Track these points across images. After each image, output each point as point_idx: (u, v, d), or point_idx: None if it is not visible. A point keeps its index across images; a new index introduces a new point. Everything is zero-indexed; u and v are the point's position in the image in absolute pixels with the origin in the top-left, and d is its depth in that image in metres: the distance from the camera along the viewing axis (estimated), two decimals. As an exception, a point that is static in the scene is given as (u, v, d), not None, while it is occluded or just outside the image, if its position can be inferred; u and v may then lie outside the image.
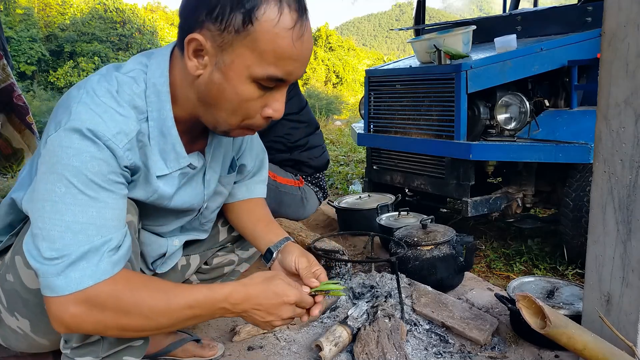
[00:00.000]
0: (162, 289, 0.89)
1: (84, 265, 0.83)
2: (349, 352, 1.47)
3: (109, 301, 0.84)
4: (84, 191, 0.85)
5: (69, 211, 0.83)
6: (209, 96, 0.92)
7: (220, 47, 0.86)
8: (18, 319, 1.04)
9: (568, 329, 1.07)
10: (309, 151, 2.30)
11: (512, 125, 2.40)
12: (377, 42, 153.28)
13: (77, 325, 0.85)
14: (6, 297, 1.04)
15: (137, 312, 0.86)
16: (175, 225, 1.18)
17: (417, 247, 1.92)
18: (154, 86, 0.95)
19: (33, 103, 10.91)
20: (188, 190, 1.09)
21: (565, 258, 2.37)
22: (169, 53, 0.98)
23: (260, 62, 0.86)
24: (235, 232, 1.40)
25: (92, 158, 0.85)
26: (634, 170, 1.11)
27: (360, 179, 4.73)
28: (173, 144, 0.99)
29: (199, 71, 0.90)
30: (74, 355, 0.98)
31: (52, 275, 0.82)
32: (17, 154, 4.15)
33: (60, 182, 0.84)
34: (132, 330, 0.90)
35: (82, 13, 24.98)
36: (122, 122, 0.90)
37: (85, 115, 0.86)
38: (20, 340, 1.07)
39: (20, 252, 0.99)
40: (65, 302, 0.83)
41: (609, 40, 1.14)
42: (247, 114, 0.93)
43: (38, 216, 0.85)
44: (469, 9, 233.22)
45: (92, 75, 0.95)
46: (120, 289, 0.86)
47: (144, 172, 0.98)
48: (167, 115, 0.96)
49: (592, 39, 2.48)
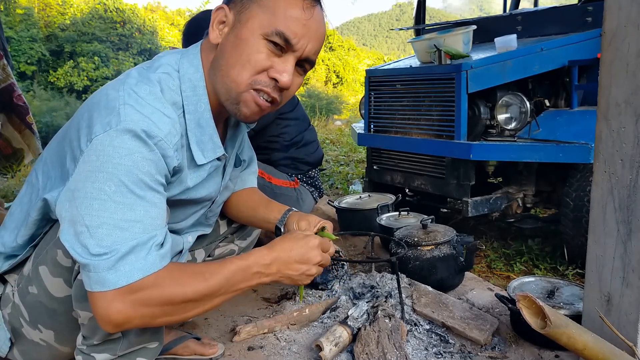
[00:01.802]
0: (198, 271, 0.92)
1: (132, 259, 0.85)
2: (349, 352, 1.47)
3: (155, 292, 0.86)
4: (133, 190, 0.86)
5: (118, 209, 0.85)
6: (222, 59, 0.99)
7: (239, 11, 0.97)
8: (42, 330, 1.04)
9: (568, 329, 1.07)
10: (305, 147, 2.32)
11: (513, 125, 2.40)
12: (378, 42, 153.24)
13: (126, 320, 0.86)
14: (29, 311, 1.04)
15: (181, 298, 0.89)
16: (191, 221, 1.20)
17: (417, 247, 1.92)
18: (190, 81, 1.00)
19: (33, 103, 10.90)
20: (211, 181, 1.13)
21: (565, 258, 2.37)
22: (199, 51, 1.04)
23: (271, 19, 0.95)
24: (235, 224, 1.44)
25: (144, 159, 0.88)
26: (635, 170, 1.11)
27: (361, 179, 4.73)
28: (211, 134, 1.03)
29: (218, 39, 0.99)
30: (91, 352, 1.00)
31: (103, 269, 0.83)
32: (17, 154, 4.14)
33: (110, 180, 0.85)
34: (179, 315, 0.92)
35: (82, 13, 24.95)
36: (169, 123, 0.93)
37: (137, 117, 0.88)
38: (42, 352, 1.08)
39: (45, 262, 1.00)
40: (112, 297, 0.84)
41: (609, 40, 1.14)
42: (254, 67, 0.97)
43: (85, 214, 0.85)
44: (469, 9, 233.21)
45: (127, 77, 0.96)
46: (162, 278, 0.88)
47: (185, 169, 1.01)
48: (205, 108, 1.01)
49: (592, 39, 2.48)
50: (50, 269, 0.99)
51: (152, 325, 0.93)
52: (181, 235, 1.21)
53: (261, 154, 2.18)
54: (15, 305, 1.05)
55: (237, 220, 1.41)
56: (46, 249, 1.01)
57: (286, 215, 1.28)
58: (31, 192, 1.05)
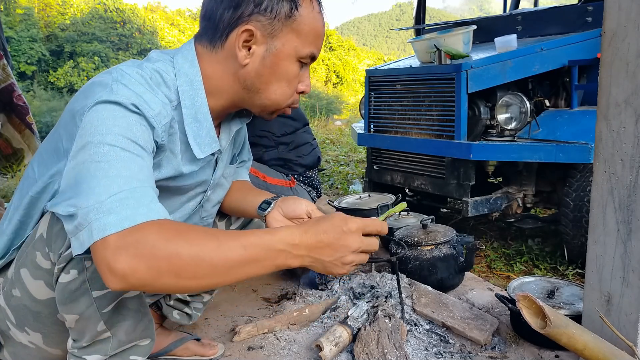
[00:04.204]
0: (210, 232, 0.83)
1: (133, 203, 0.79)
2: (349, 352, 1.47)
3: (160, 243, 0.77)
4: (126, 148, 0.84)
5: (112, 167, 0.81)
6: (259, 81, 1.02)
7: (271, 34, 0.98)
8: (29, 333, 1.03)
9: (568, 329, 1.07)
10: (297, 149, 2.30)
11: (513, 125, 2.40)
12: (378, 42, 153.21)
13: (131, 270, 0.75)
14: (14, 314, 1.02)
15: (188, 252, 0.78)
16: (180, 214, 1.17)
17: (417, 247, 1.92)
18: (186, 75, 1.01)
19: (33, 103, 10.90)
20: (201, 172, 1.13)
21: (565, 258, 2.37)
22: (193, 47, 1.04)
23: (304, 42, 1.01)
24: (234, 225, 1.43)
25: (137, 123, 0.88)
26: (635, 170, 1.11)
27: (361, 179, 4.73)
28: (208, 129, 1.04)
29: (247, 60, 1.00)
30: (82, 354, 0.99)
31: (103, 213, 0.77)
32: (17, 154, 4.15)
33: (104, 142, 0.83)
34: (188, 276, 0.79)
35: (82, 13, 24.97)
36: (160, 104, 0.93)
37: (128, 93, 0.89)
38: (32, 354, 1.07)
39: (25, 264, 0.98)
40: (115, 244, 0.75)
41: (609, 40, 1.14)
42: (293, 88, 1.06)
43: (81, 178, 0.81)
44: (469, 8, 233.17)
45: (120, 64, 0.97)
46: (168, 229, 0.79)
47: (167, 155, 1.00)
48: (202, 103, 1.02)
49: (592, 39, 2.48)
50: (31, 271, 0.97)
51: (159, 284, 0.79)
52: None
53: (252, 151, 2.17)
54: (2, 308, 1.04)
55: (225, 209, 1.38)
56: (26, 251, 0.99)
57: (279, 197, 1.25)
58: (29, 185, 1.04)
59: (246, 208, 1.30)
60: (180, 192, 1.12)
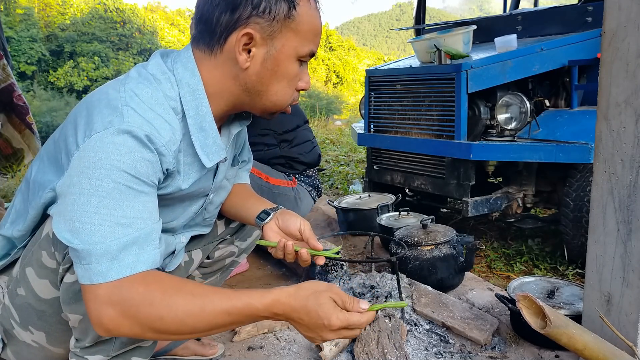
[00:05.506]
0: (197, 293, 0.87)
1: (136, 250, 0.85)
2: (349, 352, 1.47)
3: (144, 308, 0.83)
4: (132, 187, 0.86)
5: (117, 206, 0.84)
6: (260, 83, 1.01)
7: (270, 36, 0.97)
8: (33, 332, 1.03)
9: (568, 329, 1.07)
10: (298, 147, 2.30)
11: (513, 125, 2.40)
12: (378, 42, 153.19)
13: (116, 328, 0.83)
14: (18, 313, 1.03)
15: (171, 318, 0.84)
16: (183, 219, 1.18)
17: (417, 247, 1.92)
18: (188, 86, 1.00)
19: (33, 103, 10.91)
20: (202, 179, 1.12)
21: (565, 258, 2.37)
22: (192, 54, 1.02)
23: (303, 41, 1.00)
24: (233, 224, 1.42)
25: (143, 159, 0.88)
26: (634, 170, 1.11)
27: (361, 179, 4.73)
28: (214, 137, 1.04)
29: (247, 63, 0.99)
30: (84, 354, 0.99)
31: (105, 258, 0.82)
32: (17, 154, 4.14)
33: (109, 177, 0.84)
34: (169, 333, 0.87)
35: (82, 13, 24.98)
36: (170, 131, 0.94)
37: (139, 120, 0.89)
38: (35, 353, 1.07)
39: (30, 263, 0.99)
40: (102, 302, 0.82)
41: (609, 40, 1.14)
42: (294, 87, 1.06)
43: (83, 211, 0.84)
44: (469, 8, 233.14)
45: (127, 78, 0.97)
46: (153, 290, 0.84)
47: (174, 177, 1.01)
48: (207, 112, 1.01)
49: (592, 39, 2.48)
50: (36, 270, 0.99)
51: (141, 337, 0.89)
52: (174, 235, 1.20)
53: (254, 151, 2.18)
54: (6, 307, 1.04)
55: (224, 213, 1.39)
56: (32, 250, 1.00)
57: (278, 209, 1.25)
58: (30, 189, 1.05)
59: (244, 215, 1.30)
60: (183, 199, 1.13)
